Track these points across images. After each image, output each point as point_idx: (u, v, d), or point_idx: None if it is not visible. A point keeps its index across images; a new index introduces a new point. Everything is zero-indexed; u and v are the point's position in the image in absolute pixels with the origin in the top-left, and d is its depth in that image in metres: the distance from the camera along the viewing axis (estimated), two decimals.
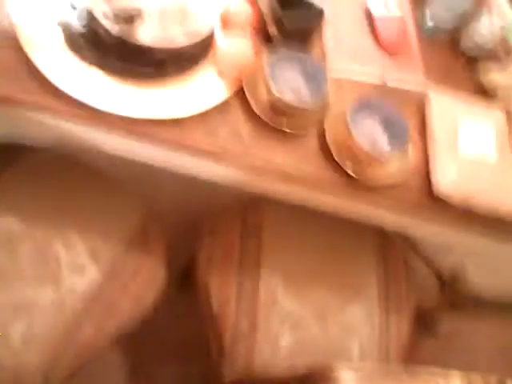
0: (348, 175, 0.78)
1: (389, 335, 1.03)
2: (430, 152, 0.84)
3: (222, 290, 0.98)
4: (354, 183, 0.78)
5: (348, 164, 0.78)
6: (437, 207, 0.82)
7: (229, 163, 0.77)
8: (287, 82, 0.81)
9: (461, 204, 0.81)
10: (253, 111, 0.79)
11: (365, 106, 0.81)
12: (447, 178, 0.81)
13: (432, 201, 0.81)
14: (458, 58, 0.99)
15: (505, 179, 0.83)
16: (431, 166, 0.83)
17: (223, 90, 0.80)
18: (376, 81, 0.90)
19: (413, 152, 0.84)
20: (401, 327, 1.06)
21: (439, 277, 1.50)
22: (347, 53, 0.90)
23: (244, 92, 0.80)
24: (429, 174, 0.82)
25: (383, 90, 0.90)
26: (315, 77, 0.82)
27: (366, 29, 0.94)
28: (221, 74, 0.80)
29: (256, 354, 0.93)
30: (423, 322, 1.56)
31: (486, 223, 0.83)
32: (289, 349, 0.95)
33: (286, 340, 0.95)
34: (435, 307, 1.51)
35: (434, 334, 1.55)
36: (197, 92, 0.79)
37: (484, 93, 0.95)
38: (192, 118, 0.76)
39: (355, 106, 0.80)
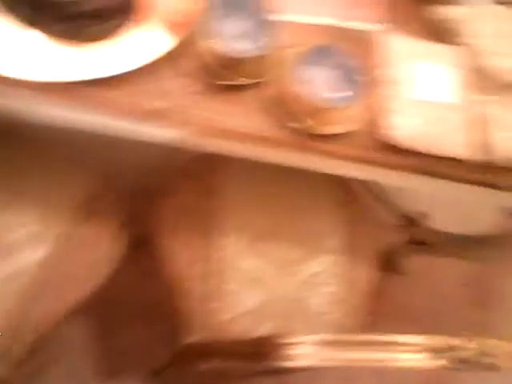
0: (296, 126, 0.74)
1: (354, 284, 1.04)
2: (387, 97, 0.80)
3: (182, 251, 0.96)
4: (304, 134, 0.74)
5: (295, 115, 0.74)
6: (393, 153, 0.79)
7: (171, 123, 0.72)
8: (232, 31, 0.76)
9: (420, 148, 0.78)
10: (197, 65, 0.74)
11: (315, 52, 0.76)
12: (405, 123, 0.77)
13: (389, 147, 0.78)
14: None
15: (466, 120, 0.81)
16: (388, 111, 0.79)
17: (165, 43, 0.74)
18: (330, 22, 0.85)
19: (369, 98, 0.80)
20: (366, 275, 1.06)
21: (404, 217, 1.51)
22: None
23: (188, 44, 0.75)
24: (385, 119, 0.79)
25: (337, 31, 0.85)
26: (262, 22, 0.76)
27: None
28: (162, 22, 0.74)
29: (219, 314, 0.92)
30: (391, 262, 1.59)
31: (445, 165, 0.81)
32: (253, 308, 0.93)
33: (249, 299, 0.93)
34: (402, 246, 1.53)
35: (402, 273, 1.58)
36: (134, 47, 0.73)
37: (444, 30, 0.90)
38: (131, 76, 0.71)
39: (304, 53, 0.75)
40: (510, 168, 0.82)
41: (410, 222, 1.48)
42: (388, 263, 1.58)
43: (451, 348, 0.51)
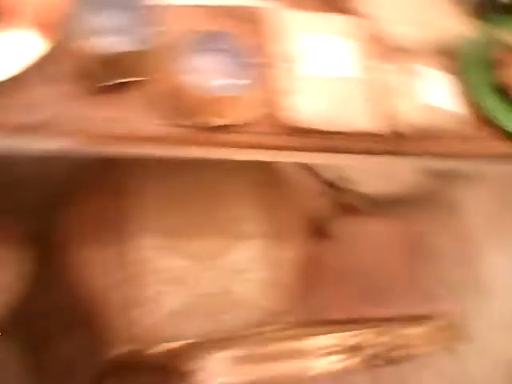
0: (190, 122, 0.70)
1: (282, 264, 1.02)
2: (284, 77, 0.77)
3: (94, 260, 0.90)
4: (200, 128, 0.70)
5: (188, 109, 0.69)
6: (298, 135, 0.76)
7: (53, 134, 0.66)
8: (106, 25, 0.69)
9: (323, 127, 0.76)
10: (73, 68, 0.68)
11: (202, 38, 0.71)
12: (305, 103, 0.74)
13: (292, 129, 0.75)
14: None
15: (368, 92, 0.79)
16: (286, 92, 0.76)
17: (35, 47, 0.66)
18: (216, 2, 0.79)
19: (265, 80, 0.77)
20: (295, 252, 1.05)
21: (328, 183, 1.51)
22: None
23: (61, 46, 0.68)
24: (285, 101, 0.75)
25: (225, 12, 0.79)
26: (140, 12, 0.70)
27: None
28: (29, 24, 0.67)
29: (142, 321, 0.88)
30: (322, 228, 1.60)
31: (353, 140, 0.80)
32: (177, 309, 0.90)
33: (172, 300, 0.90)
34: (330, 212, 1.54)
35: (333, 238, 1.59)
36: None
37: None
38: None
39: (189, 41, 0.70)
40: (415, 136, 0.81)
41: (335, 187, 1.48)
42: (319, 230, 1.59)
43: (363, 346, 0.50)
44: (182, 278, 0.93)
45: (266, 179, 1.05)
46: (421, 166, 1.22)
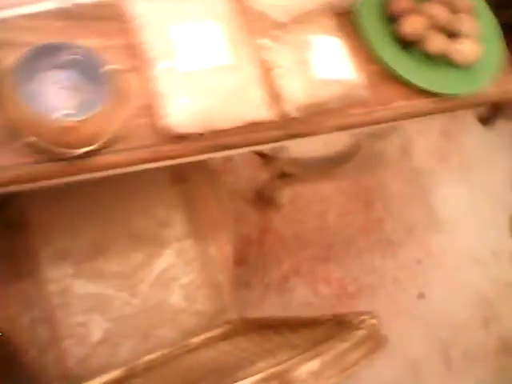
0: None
1: (212, 261, 0.98)
2: (153, 79, 0.69)
3: (10, 300, 0.85)
4: (67, 159, 0.63)
5: (35, 139, 0.61)
6: (182, 141, 0.69)
7: None
8: None
9: (205, 129, 0.69)
10: None
11: (41, 52, 0.61)
12: (181, 106, 0.67)
13: (176, 136, 0.68)
14: None
15: (249, 78, 0.71)
16: (158, 95, 0.68)
17: None
18: (58, 4, 0.70)
19: (132, 89, 0.68)
20: (224, 243, 1.00)
21: (262, 156, 1.45)
22: None
23: None
24: (158, 107, 0.68)
25: (71, 14, 0.70)
26: None
27: None
28: None
29: (69, 356, 0.84)
30: (265, 199, 1.56)
31: (244, 132, 0.73)
32: (105, 334, 0.86)
33: (99, 327, 0.85)
34: (269, 182, 1.49)
35: (278, 206, 1.56)
36: None
37: None
38: None
39: (25, 59, 0.61)
40: (314, 113, 0.75)
41: (268, 158, 1.43)
42: (262, 201, 1.55)
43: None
44: (107, 300, 0.88)
45: (180, 177, 0.99)
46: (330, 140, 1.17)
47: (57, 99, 0.63)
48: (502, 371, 1.76)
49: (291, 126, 0.75)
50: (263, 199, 1.54)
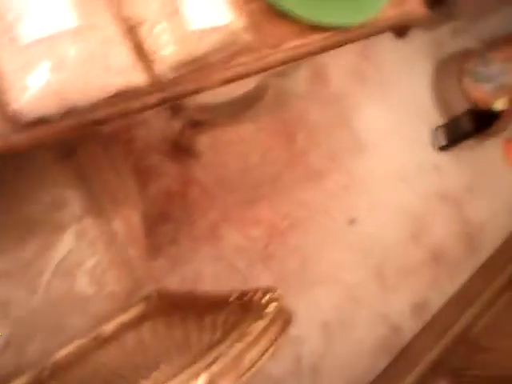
0: None
1: (116, 237, 0.90)
2: None
3: None
4: None
5: None
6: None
7: None
8: None
9: (63, 109, 0.59)
10: None
11: None
12: (29, 87, 0.57)
13: (28, 123, 0.58)
14: None
15: (102, 46, 0.61)
16: (1, 78, 0.57)
17: None
18: None
19: None
20: (129, 220, 0.93)
21: (170, 107, 1.35)
22: None
23: None
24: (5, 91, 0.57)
25: None
26: None
27: None
28: None
29: None
30: (182, 151, 1.47)
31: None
32: (6, 342, 0.78)
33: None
34: (183, 133, 1.40)
35: (196, 155, 1.48)
36: None
37: None
38: None
39: None
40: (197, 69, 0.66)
41: (176, 107, 1.33)
42: (179, 152, 1.47)
43: None
44: (3, 303, 0.80)
45: (65, 149, 0.89)
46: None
47: None
48: (435, 279, 1.84)
49: (169, 87, 0.66)
50: (180, 150, 1.46)
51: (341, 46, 0.82)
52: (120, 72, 0.61)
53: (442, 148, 1.89)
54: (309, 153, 1.70)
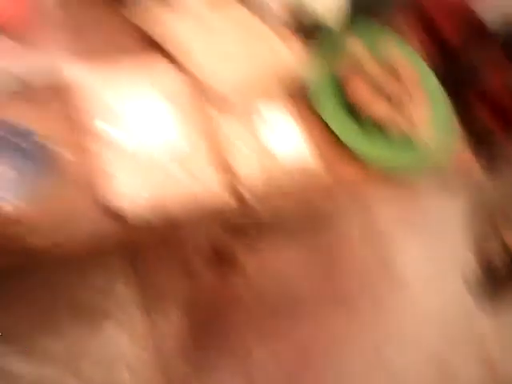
0: None
1: (161, 337, 0.93)
2: (99, 157, 0.64)
3: None
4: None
5: None
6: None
7: None
8: None
9: (153, 214, 0.65)
10: None
11: None
12: (127, 189, 0.63)
13: (117, 222, 0.64)
14: (119, 12, 0.76)
15: (200, 161, 0.68)
16: (105, 176, 0.64)
17: None
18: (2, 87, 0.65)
19: (74, 167, 0.64)
20: (174, 321, 0.95)
21: None
22: None
23: None
24: (105, 188, 0.64)
25: (17, 96, 0.65)
26: None
27: None
28: None
29: None
30: (222, 262, 1.51)
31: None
32: None
33: None
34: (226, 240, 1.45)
35: (238, 266, 1.51)
36: None
37: (161, 50, 0.75)
38: None
39: None
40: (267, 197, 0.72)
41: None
42: (222, 261, 1.50)
43: None
44: (45, 377, 0.81)
45: (133, 255, 0.94)
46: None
47: (4, 184, 0.59)
48: None
49: (247, 209, 0.72)
50: (222, 259, 1.50)
51: (402, 193, 0.88)
52: (206, 192, 0.68)
53: (479, 295, 1.88)
54: (343, 281, 1.72)
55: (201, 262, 1.44)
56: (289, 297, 1.59)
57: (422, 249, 1.84)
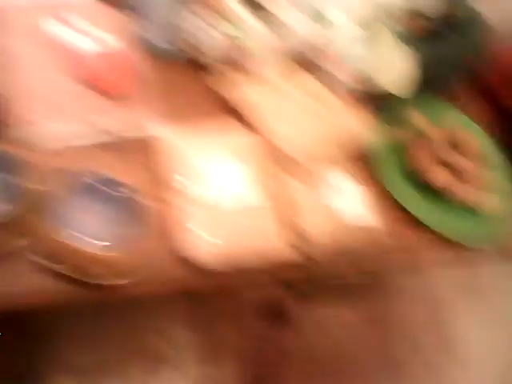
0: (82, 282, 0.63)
1: None
2: (180, 212, 0.70)
3: None
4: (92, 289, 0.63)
5: (73, 267, 0.62)
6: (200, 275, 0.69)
7: None
8: None
9: (228, 268, 0.69)
10: None
11: (78, 186, 0.66)
12: (206, 244, 0.68)
13: (191, 269, 0.68)
14: (202, 79, 0.84)
15: (270, 219, 0.73)
16: (178, 230, 0.69)
17: None
18: (95, 139, 0.74)
19: (161, 221, 0.70)
20: (226, 372, 0.97)
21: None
22: (48, 110, 0.72)
23: None
24: (182, 239, 0.69)
25: (108, 148, 0.74)
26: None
27: (67, 73, 0.75)
28: None
29: None
30: (277, 316, 1.52)
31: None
32: None
33: None
34: (285, 300, 1.47)
35: (293, 325, 1.52)
36: None
37: (237, 114, 0.82)
38: None
39: (62, 194, 0.64)
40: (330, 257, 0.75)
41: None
42: (275, 317, 1.51)
43: None
44: None
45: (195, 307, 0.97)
46: None
47: (92, 227, 0.65)
48: None
49: (307, 266, 0.74)
50: (275, 310, 1.51)
51: (467, 265, 0.88)
52: (274, 249, 0.72)
53: None
54: (399, 344, 1.68)
55: (255, 315, 1.46)
56: (340, 356, 1.56)
57: (481, 317, 1.77)
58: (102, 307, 0.90)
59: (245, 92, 0.81)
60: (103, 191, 0.67)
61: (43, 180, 0.64)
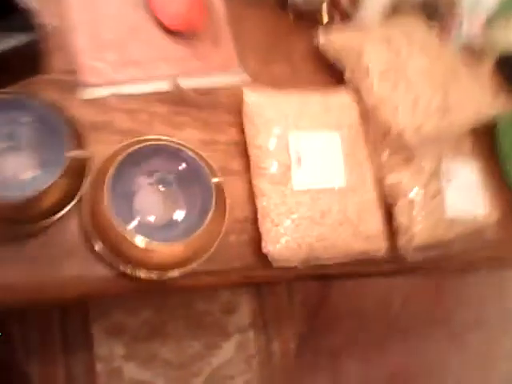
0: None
1: (272, 362, 0.88)
2: (260, 192, 0.59)
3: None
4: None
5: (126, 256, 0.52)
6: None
7: None
8: None
9: (306, 262, 0.59)
10: None
11: (137, 151, 0.54)
12: (285, 235, 0.56)
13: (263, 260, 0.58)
14: (289, 23, 0.69)
15: (359, 210, 0.60)
16: (263, 216, 0.58)
17: None
18: (163, 87, 0.60)
19: (233, 198, 0.58)
20: (286, 346, 0.90)
21: None
22: (109, 51, 0.59)
23: None
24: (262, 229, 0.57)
25: (176, 100, 0.61)
26: (50, 125, 0.51)
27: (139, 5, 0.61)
28: None
29: None
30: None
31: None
32: None
33: None
34: None
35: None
36: None
37: (328, 66, 0.68)
38: None
39: (121, 158, 0.53)
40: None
41: None
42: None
43: None
44: None
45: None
46: None
47: (150, 208, 0.55)
48: None
49: (402, 262, 0.63)
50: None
51: None
52: (367, 239, 0.60)
53: None
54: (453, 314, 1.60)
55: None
56: (385, 315, 1.50)
57: None
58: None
59: (351, 43, 0.65)
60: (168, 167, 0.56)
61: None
